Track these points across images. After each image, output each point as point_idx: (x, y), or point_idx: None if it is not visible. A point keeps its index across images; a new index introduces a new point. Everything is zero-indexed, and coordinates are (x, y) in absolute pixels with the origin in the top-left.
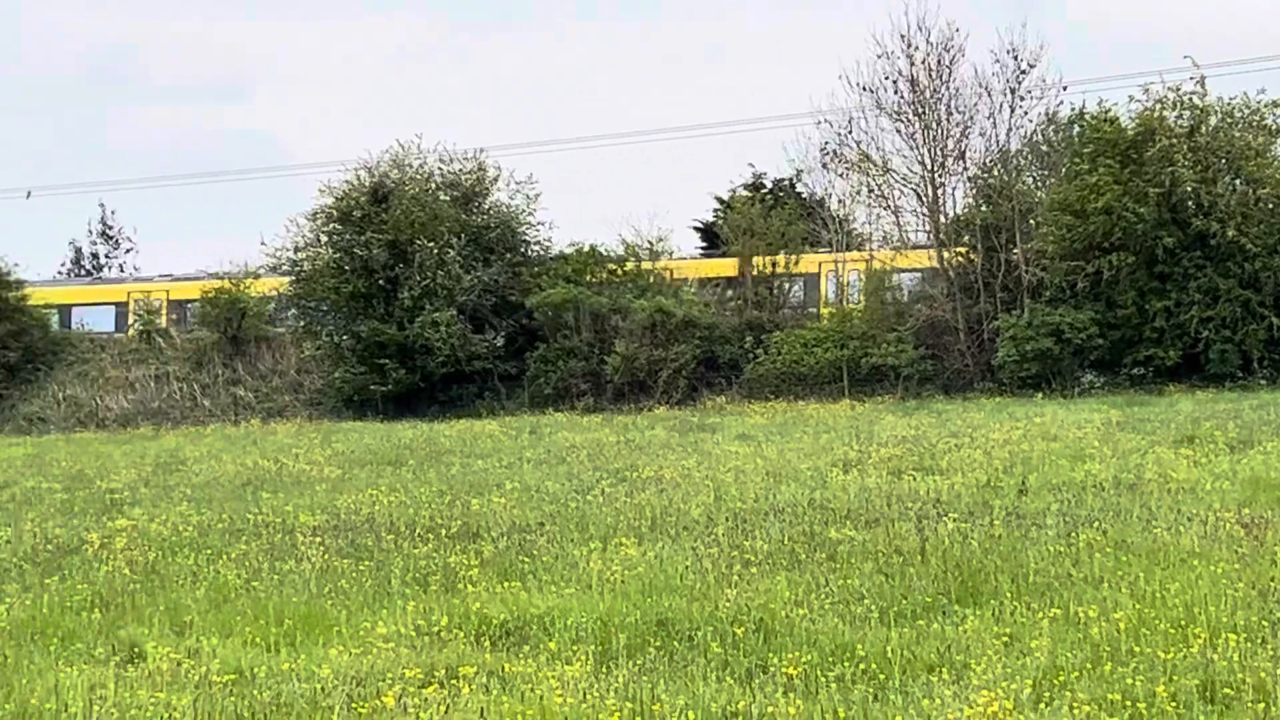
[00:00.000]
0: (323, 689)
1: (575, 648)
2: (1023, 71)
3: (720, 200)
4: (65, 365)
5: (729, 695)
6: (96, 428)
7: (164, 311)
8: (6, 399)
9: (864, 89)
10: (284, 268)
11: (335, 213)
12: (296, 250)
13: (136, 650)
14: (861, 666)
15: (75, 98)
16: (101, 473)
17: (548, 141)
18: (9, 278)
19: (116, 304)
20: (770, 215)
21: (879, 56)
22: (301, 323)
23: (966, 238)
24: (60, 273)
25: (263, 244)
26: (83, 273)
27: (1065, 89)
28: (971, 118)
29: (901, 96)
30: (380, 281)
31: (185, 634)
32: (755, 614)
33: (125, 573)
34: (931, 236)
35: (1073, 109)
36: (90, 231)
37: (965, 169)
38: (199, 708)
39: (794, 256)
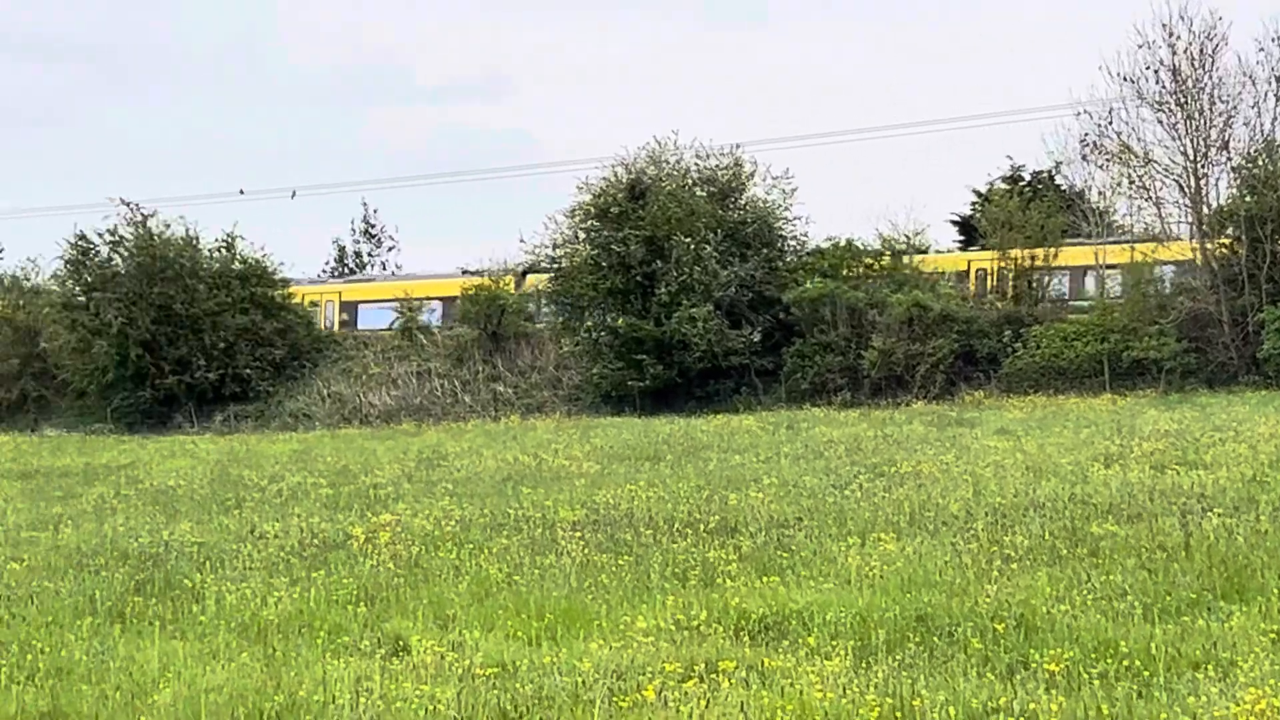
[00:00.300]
0: (584, 682)
1: (834, 643)
2: None
3: (978, 193)
4: (330, 362)
5: (989, 691)
6: (360, 424)
7: (336, 313)
8: (273, 395)
9: (1124, 79)
10: (542, 264)
11: (593, 209)
12: (555, 247)
13: (401, 643)
14: (1125, 663)
15: (339, 99)
16: (365, 468)
17: (804, 136)
18: (274, 276)
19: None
20: (1029, 208)
21: (1140, 46)
22: (560, 319)
23: (1230, 229)
24: (323, 271)
25: (521, 241)
26: (346, 271)
27: None
28: (1235, 107)
29: (1163, 86)
30: (637, 277)
31: (449, 627)
32: (1016, 610)
33: (389, 567)
34: (1194, 228)
35: None
36: (353, 230)
37: (1229, 159)
38: (463, 700)
39: (1053, 249)
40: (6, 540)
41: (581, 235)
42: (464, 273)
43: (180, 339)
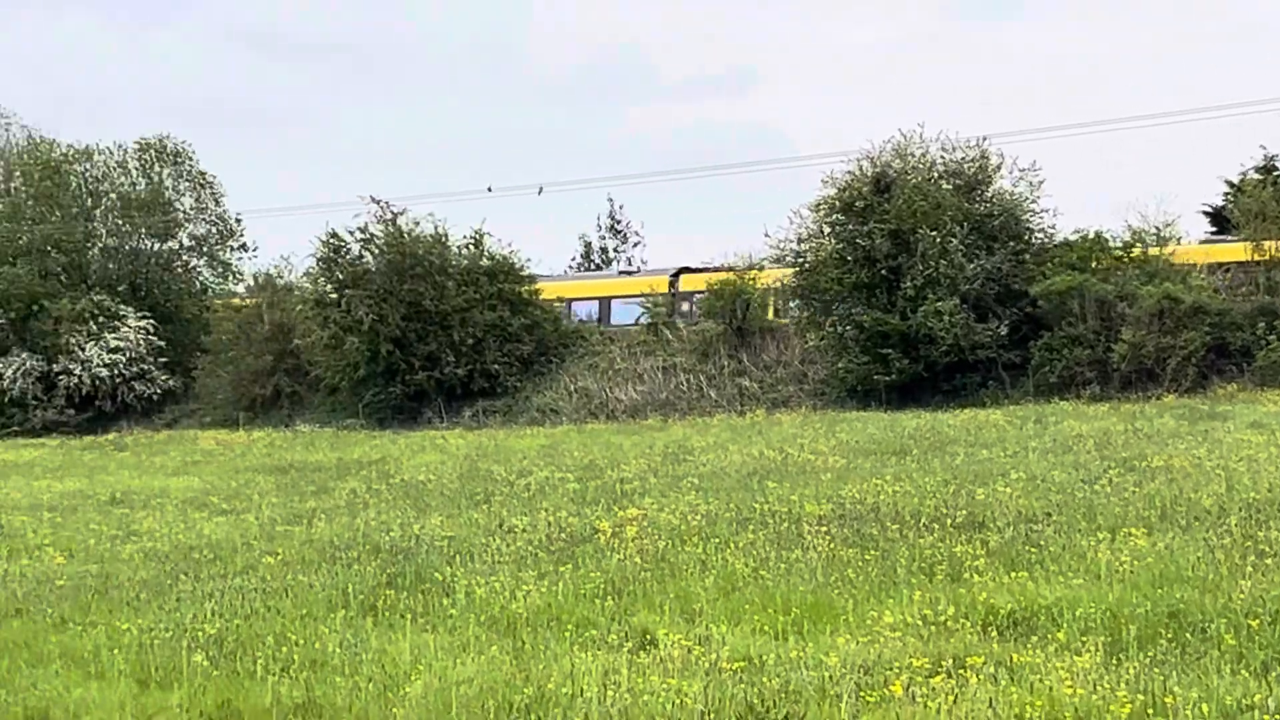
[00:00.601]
0: (830, 677)
1: (1084, 639)
2: None
3: (1229, 184)
4: (576, 357)
5: (1244, 688)
6: (606, 419)
7: None
8: (521, 391)
9: None
10: (787, 259)
11: (838, 203)
12: (800, 241)
13: (648, 637)
14: None
15: (585, 96)
16: (612, 463)
17: (1052, 128)
18: (522, 272)
19: None
20: None
21: None
22: (805, 313)
23: None
24: (570, 267)
25: (766, 235)
26: (591, 267)
27: None
28: None
29: None
30: (882, 271)
31: (695, 621)
32: (1271, 606)
33: (636, 561)
34: None
35: None
36: (599, 226)
37: None
38: (709, 694)
39: None
40: (262, 534)
41: (826, 229)
42: (621, 273)
43: (430, 335)
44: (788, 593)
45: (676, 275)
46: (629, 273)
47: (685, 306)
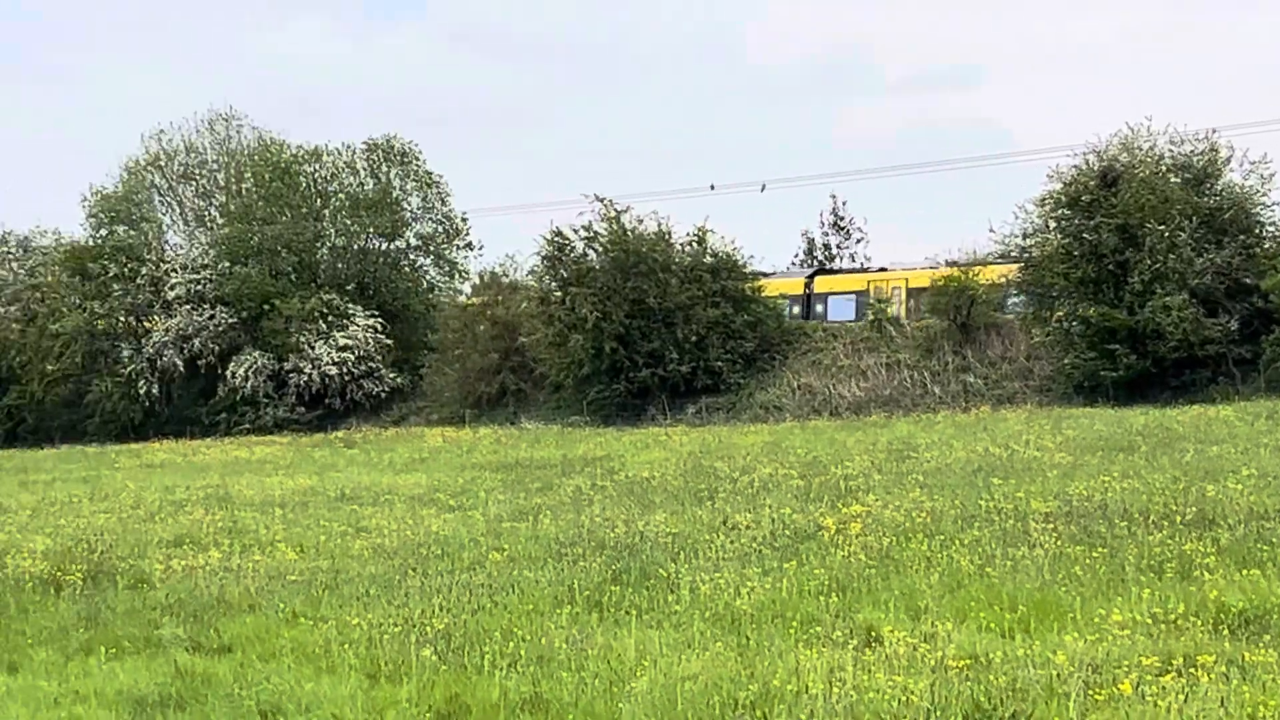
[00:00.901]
0: (1058, 675)
1: None
2: None
3: None
4: (799, 354)
5: None
6: (829, 415)
7: None
8: (744, 387)
9: None
10: (1012, 254)
11: (1063, 198)
12: (1025, 236)
13: (873, 634)
14: None
15: (807, 92)
16: (835, 459)
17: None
18: (744, 269)
19: None
20: None
21: None
22: (1030, 309)
23: None
24: (793, 263)
25: (991, 231)
26: (814, 263)
27: None
28: None
29: None
30: (1109, 266)
31: (920, 619)
32: None
33: (860, 558)
34: None
35: None
36: (822, 223)
37: None
38: (935, 692)
39: None
40: (489, 531)
41: (1052, 224)
42: (755, 274)
43: (653, 332)
44: (1014, 590)
45: (811, 277)
46: (764, 274)
47: (820, 308)
